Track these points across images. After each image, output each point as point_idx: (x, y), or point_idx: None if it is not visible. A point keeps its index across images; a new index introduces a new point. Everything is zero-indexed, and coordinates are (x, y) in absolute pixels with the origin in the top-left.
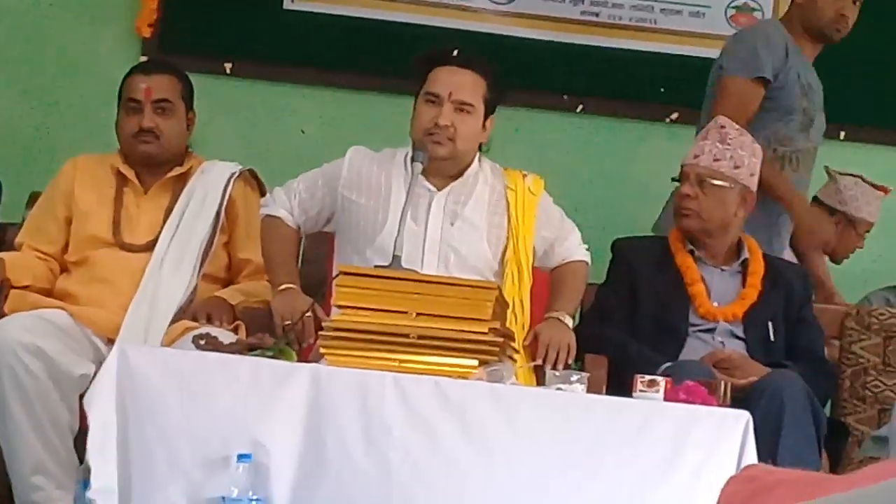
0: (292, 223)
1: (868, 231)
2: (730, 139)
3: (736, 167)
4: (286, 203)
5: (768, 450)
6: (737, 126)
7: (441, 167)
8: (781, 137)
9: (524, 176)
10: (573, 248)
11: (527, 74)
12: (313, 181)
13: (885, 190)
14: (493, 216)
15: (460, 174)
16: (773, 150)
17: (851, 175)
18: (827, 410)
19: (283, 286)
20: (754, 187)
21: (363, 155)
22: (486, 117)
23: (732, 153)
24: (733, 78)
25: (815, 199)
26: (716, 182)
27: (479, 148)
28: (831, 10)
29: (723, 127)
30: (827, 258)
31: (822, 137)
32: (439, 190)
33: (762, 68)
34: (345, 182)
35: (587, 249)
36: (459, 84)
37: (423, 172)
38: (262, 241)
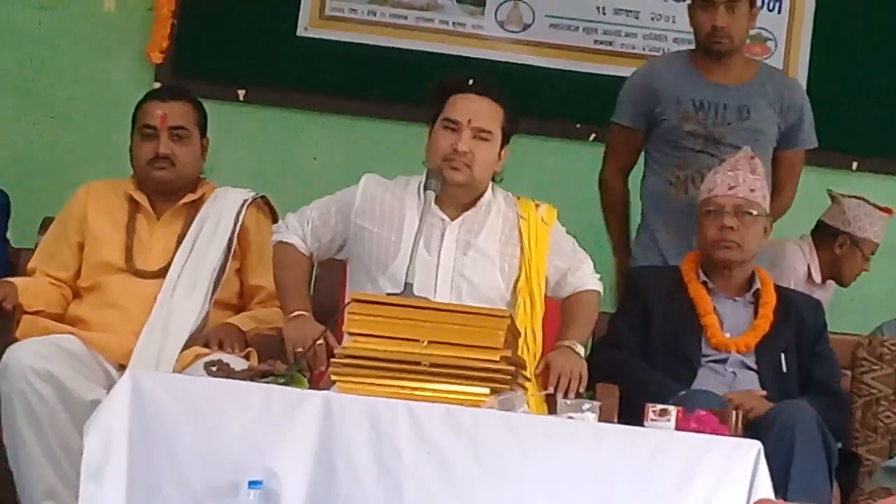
0: (305, 250)
1: (874, 252)
2: (759, 170)
3: (764, 197)
4: (299, 230)
5: (780, 480)
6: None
7: (455, 195)
8: (678, 162)
9: (537, 206)
10: (586, 277)
11: (539, 103)
12: (326, 208)
13: (888, 211)
14: (506, 246)
15: (473, 203)
16: (675, 176)
17: (854, 197)
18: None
19: (294, 313)
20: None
21: (377, 183)
22: (501, 146)
23: (761, 183)
24: (611, 125)
25: (819, 223)
26: (754, 213)
27: (493, 178)
28: (706, 25)
29: (752, 158)
30: (834, 282)
31: (763, 140)
32: (452, 219)
33: (621, 115)
34: (358, 209)
35: (600, 279)
36: (478, 111)
37: (437, 201)
38: (275, 267)
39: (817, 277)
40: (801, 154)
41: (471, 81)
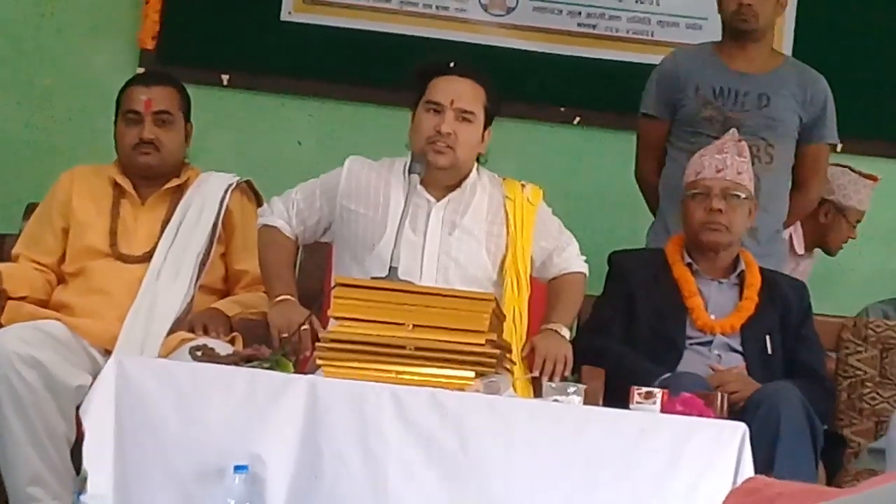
0: (290, 233)
1: (859, 220)
2: (745, 152)
3: (750, 180)
4: (284, 213)
5: (765, 462)
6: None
7: (440, 177)
8: (694, 149)
9: (523, 186)
10: (571, 258)
11: (524, 86)
12: (311, 191)
13: (873, 178)
14: (492, 226)
15: (459, 184)
16: None
17: (839, 165)
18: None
19: (279, 297)
20: None
21: (361, 164)
22: (485, 127)
23: (748, 166)
24: (639, 117)
25: None
26: (741, 195)
27: (478, 159)
28: (733, 3)
29: (739, 140)
30: (820, 250)
31: (782, 129)
32: (438, 200)
33: (646, 104)
34: (343, 192)
35: (585, 261)
36: (461, 92)
37: (422, 182)
38: (259, 250)
39: (799, 248)
40: (825, 150)
41: (452, 64)
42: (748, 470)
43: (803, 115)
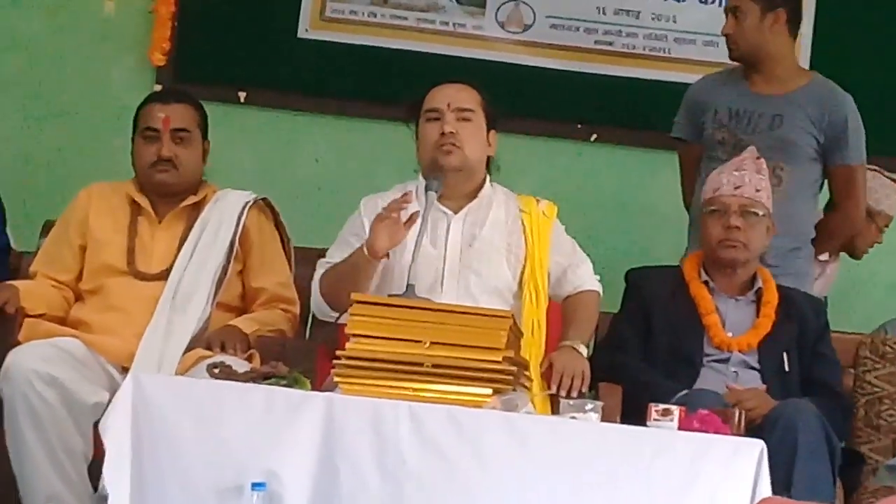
0: None
1: (888, 225)
2: (763, 170)
3: (768, 198)
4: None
5: (783, 479)
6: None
7: (455, 183)
8: (709, 173)
9: (538, 202)
10: (586, 277)
11: (540, 103)
12: (346, 243)
13: None
14: (511, 237)
15: (474, 195)
16: None
17: (869, 168)
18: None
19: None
20: None
21: (375, 200)
22: (488, 129)
23: (766, 183)
24: (862, 166)
25: (831, 197)
26: (759, 213)
27: (488, 167)
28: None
29: (758, 158)
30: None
31: (794, 151)
32: (455, 213)
33: (676, 128)
34: (370, 230)
35: (599, 280)
36: (455, 95)
37: (438, 198)
38: (332, 284)
39: (823, 255)
40: (855, 171)
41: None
42: (766, 487)
43: (820, 137)
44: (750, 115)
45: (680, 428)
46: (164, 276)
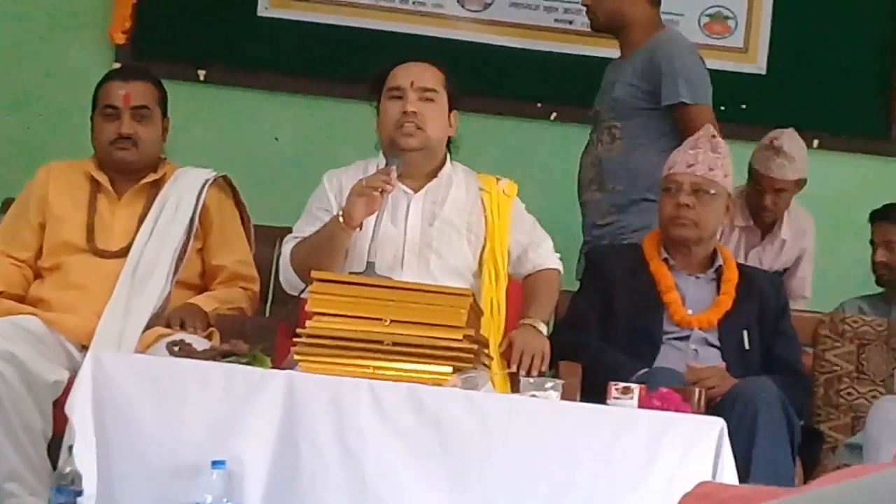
0: None
1: (774, 189)
2: (720, 148)
3: (725, 176)
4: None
5: (743, 457)
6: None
7: (415, 163)
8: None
9: (497, 180)
10: (546, 255)
11: (500, 82)
12: (314, 216)
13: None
14: (471, 216)
15: (435, 174)
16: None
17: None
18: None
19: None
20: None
21: (338, 175)
22: (450, 109)
23: (722, 162)
24: (705, 106)
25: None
26: (711, 191)
27: (448, 146)
28: None
29: (714, 136)
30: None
31: (621, 108)
32: (416, 192)
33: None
34: (336, 205)
35: (560, 258)
36: (419, 74)
37: (399, 175)
38: (301, 256)
39: (744, 220)
40: (691, 109)
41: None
42: (728, 465)
43: (645, 84)
44: (602, 86)
45: (640, 406)
46: (123, 253)
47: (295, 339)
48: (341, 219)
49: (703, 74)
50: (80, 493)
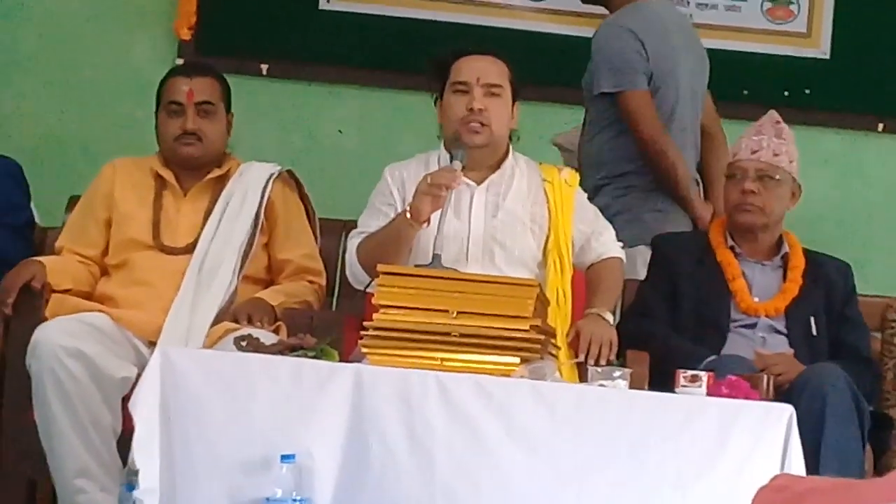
0: None
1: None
2: (784, 134)
3: (790, 161)
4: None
5: (812, 443)
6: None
7: (479, 157)
8: None
9: (560, 170)
10: (609, 244)
11: (561, 71)
12: (378, 211)
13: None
14: (534, 207)
15: (497, 166)
16: None
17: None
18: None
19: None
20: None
21: (399, 168)
22: (513, 102)
23: (787, 147)
24: (629, 93)
25: None
26: (777, 177)
27: (510, 138)
28: None
29: (777, 122)
30: None
31: (586, 97)
32: (479, 184)
33: None
34: (400, 199)
35: (622, 247)
36: (485, 69)
37: (461, 169)
38: (367, 251)
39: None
40: (619, 100)
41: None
42: (797, 452)
43: (588, 75)
44: None
45: (708, 394)
46: (189, 249)
47: (362, 333)
48: (408, 215)
49: (632, 59)
50: None
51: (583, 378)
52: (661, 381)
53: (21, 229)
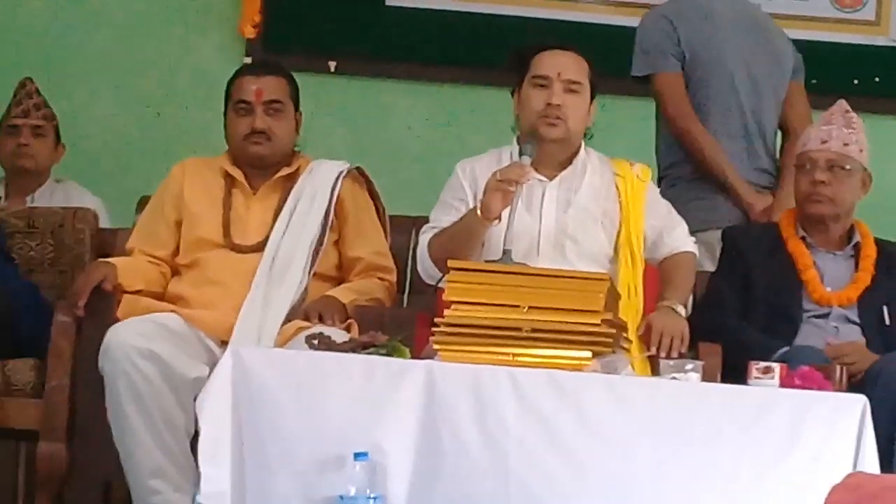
0: None
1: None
2: (854, 123)
3: (860, 151)
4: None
5: (886, 434)
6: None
7: (551, 153)
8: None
9: (632, 165)
10: (682, 238)
11: (631, 64)
12: (450, 206)
13: None
14: (606, 202)
15: (569, 161)
16: None
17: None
18: None
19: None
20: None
21: (472, 164)
22: (591, 100)
23: (857, 137)
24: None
25: None
26: (847, 167)
27: (584, 134)
28: None
29: (847, 111)
30: None
31: None
32: (550, 180)
33: None
34: (471, 194)
35: (694, 242)
36: (566, 65)
37: (533, 164)
38: (439, 246)
39: None
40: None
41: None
42: (870, 443)
43: None
44: None
45: (781, 385)
46: (260, 247)
47: (434, 329)
48: (479, 212)
49: (661, 42)
50: None
51: (655, 371)
52: (734, 373)
53: None
